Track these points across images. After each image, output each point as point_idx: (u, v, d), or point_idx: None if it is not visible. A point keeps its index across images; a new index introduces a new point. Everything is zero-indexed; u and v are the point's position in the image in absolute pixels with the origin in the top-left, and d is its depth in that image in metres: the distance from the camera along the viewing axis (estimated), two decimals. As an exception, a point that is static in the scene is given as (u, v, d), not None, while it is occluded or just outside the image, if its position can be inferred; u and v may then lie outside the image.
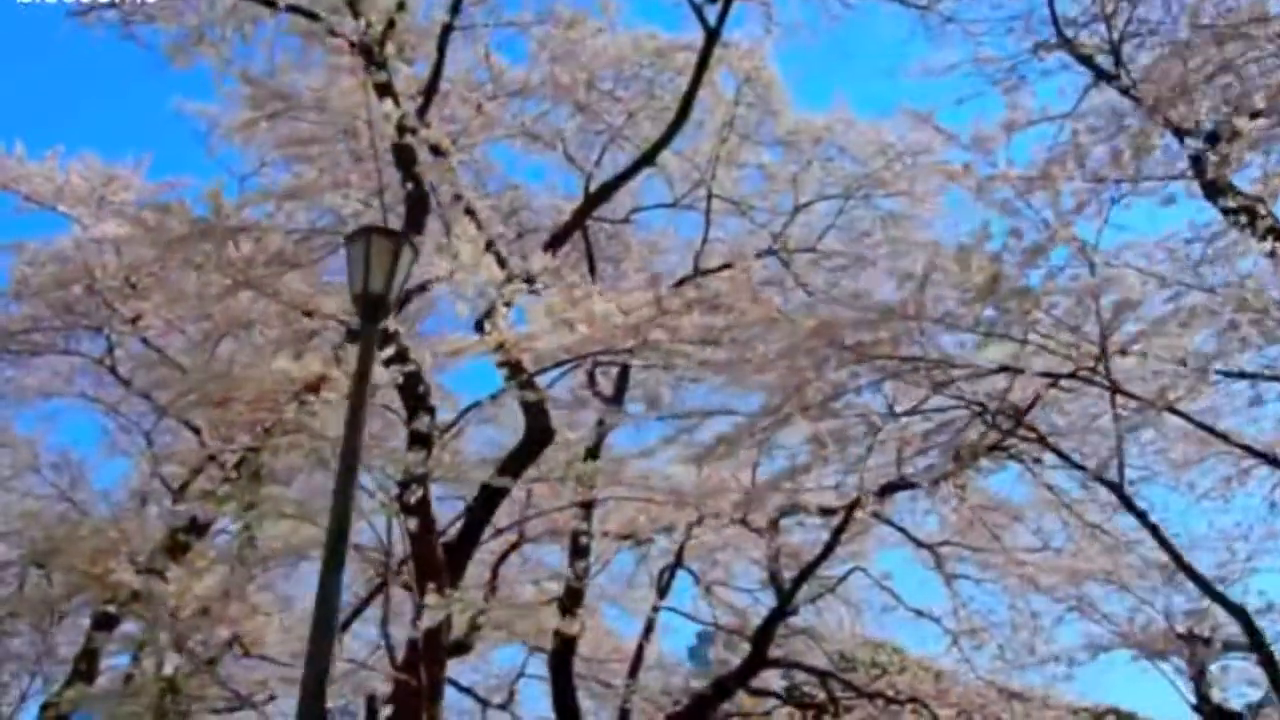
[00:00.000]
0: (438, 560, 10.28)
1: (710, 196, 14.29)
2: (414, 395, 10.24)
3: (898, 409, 11.04)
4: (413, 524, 10.17)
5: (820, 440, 10.49)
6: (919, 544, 16.26)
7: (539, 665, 21.82)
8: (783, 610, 15.22)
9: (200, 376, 9.73)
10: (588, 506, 14.05)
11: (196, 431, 18.05)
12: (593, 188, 13.57)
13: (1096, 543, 14.16)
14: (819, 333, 8.99)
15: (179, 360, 17.24)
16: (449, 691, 20.42)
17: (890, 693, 16.02)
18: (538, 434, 10.88)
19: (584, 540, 14.45)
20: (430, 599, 9.64)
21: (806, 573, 15.27)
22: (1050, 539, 15.07)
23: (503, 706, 21.23)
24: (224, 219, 9.56)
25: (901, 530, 16.20)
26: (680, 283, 12.65)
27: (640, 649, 17.40)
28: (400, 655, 10.95)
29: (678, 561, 17.37)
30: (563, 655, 14.58)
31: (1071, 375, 8.99)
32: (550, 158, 14.31)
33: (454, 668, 19.04)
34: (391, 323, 9.95)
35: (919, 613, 15.91)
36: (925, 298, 8.56)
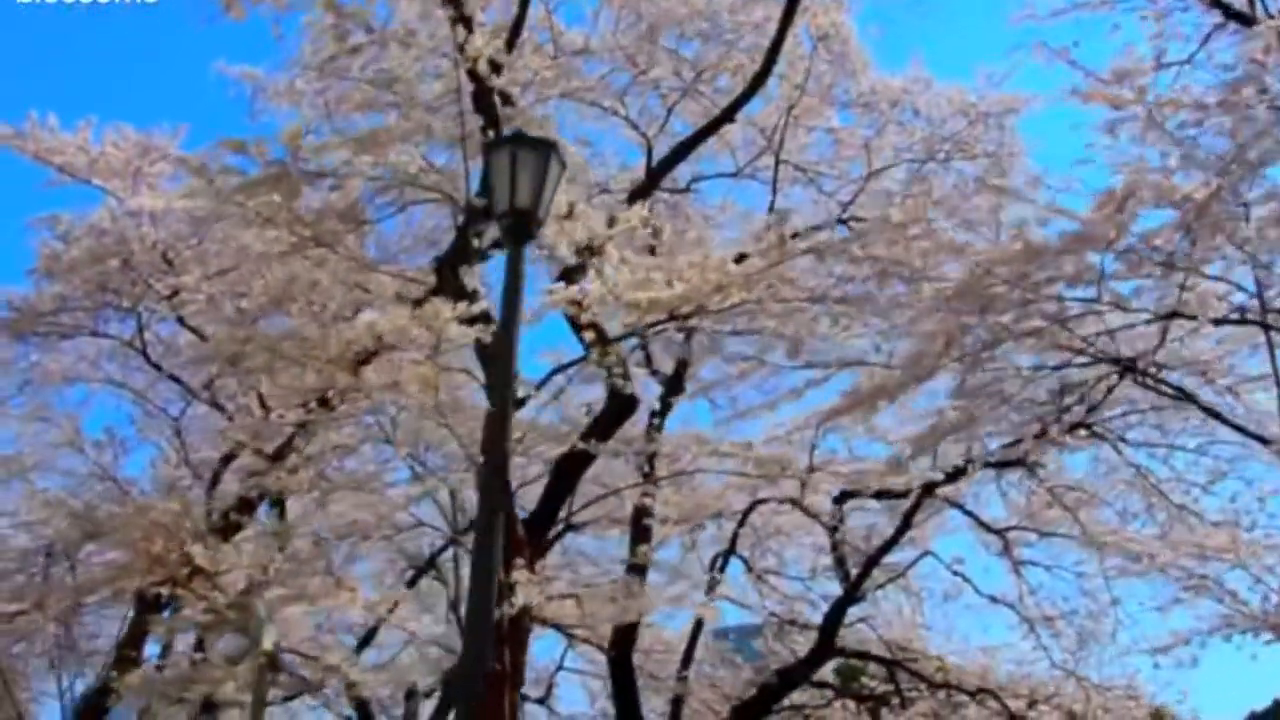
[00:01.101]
0: (520, 536, 9.45)
1: (778, 163, 13.47)
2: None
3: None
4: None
5: (969, 393, 9.63)
6: (988, 529, 15.43)
7: (575, 659, 21.13)
8: (850, 597, 14.41)
9: (269, 338, 8.86)
10: (650, 485, 13.22)
11: (230, 418, 17.29)
12: (655, 154, 12.78)
13: (1183, 524, 13.37)
14: (992, 270, 8.08)
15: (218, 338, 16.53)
16: (486, 685, 19.69)
17: (958, 682, 15.20)
18: (620, 403, 10.05)
19: (647, 522, 13.61)
20: (519, 576, 8.83)
21: (877, 557, 14.46)
22: (1130, 522, 14.27)
23: (541, 701, 20.42)
24: (302, 161, 8.73)
25: (970, 514, 15.39)
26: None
27: (693, 640, 16.57)
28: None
29: (731, 548, 16.53)
30: (623, 648, 13.73)
31: (1250, 323, 8.16)
32: (609, 123, 13.49)
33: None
34: (470, 279, 9.14)
35: (994, 599, 15.07)
36: (1125, 218, 7.68)
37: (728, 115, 11.42)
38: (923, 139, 12.89)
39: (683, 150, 11.44)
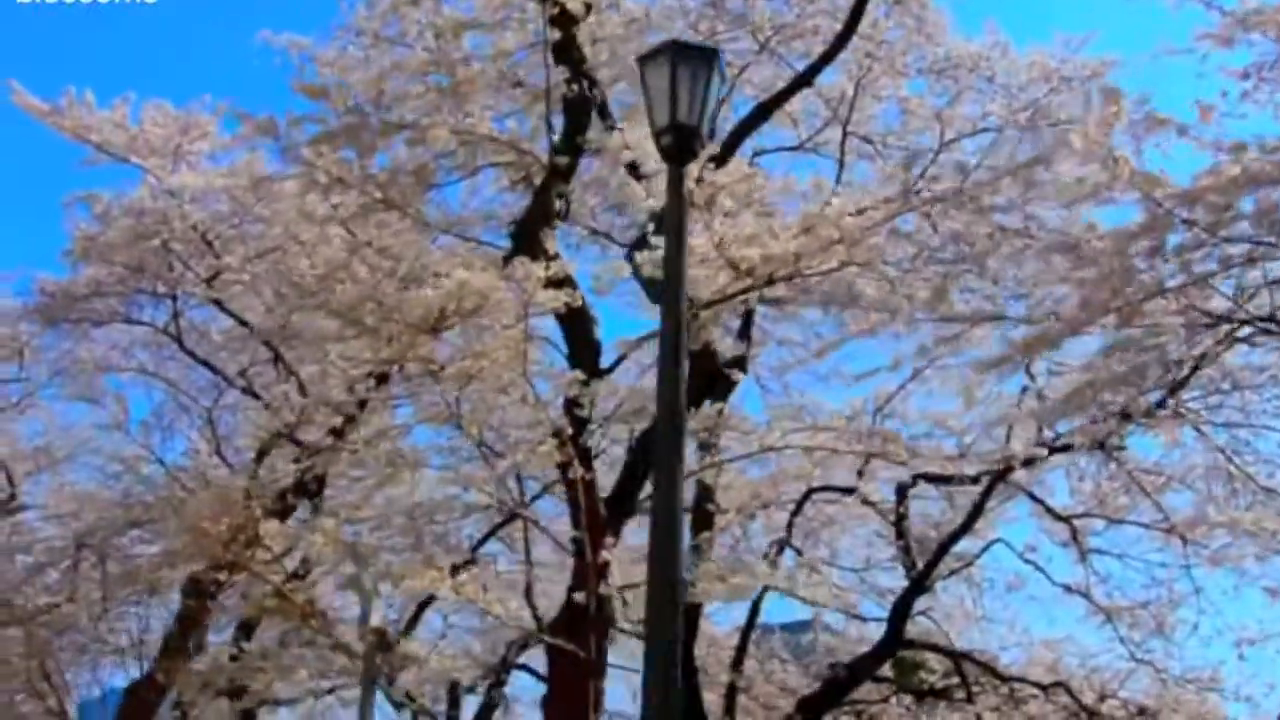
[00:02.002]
0: (600, 516, 8.80)
1: (845, 135, 12.80)
2: (580, 326, 8.78)
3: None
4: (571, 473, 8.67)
5: (1126, 345, 8.90)
6: (1056, 516, 14.74)
7: (615, 654, 20.42)
8: (919, 587, 13.72)
9: (339, 302, 8.20)
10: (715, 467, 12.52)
11: (266, 405, 16.63)
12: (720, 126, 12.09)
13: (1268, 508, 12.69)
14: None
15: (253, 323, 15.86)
16: (523, 679, 18.99)
17: (1030, 676, 14.52)
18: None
19: (710, 508, 12.91)
20: (606, 556, 8.18)
21: (947, 545, 13.77)
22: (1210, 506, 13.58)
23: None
24: (384, 111, 8.07)
25: (1039, 501, 14.70)
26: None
27: (746, 634, 15.89)
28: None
29: (787, 538, 15.84)
30: (686, 643, 12.99)
31: None
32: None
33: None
34: (549, 242, 8.48)
35: (1068, 589, 14.37)
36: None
37: (808, 78, 10.76)
38: (1003, 107, 12.20)
39: (762, 113, 10.74)
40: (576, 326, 8.78)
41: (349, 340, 8.60)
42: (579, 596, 8.45)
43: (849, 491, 15.77)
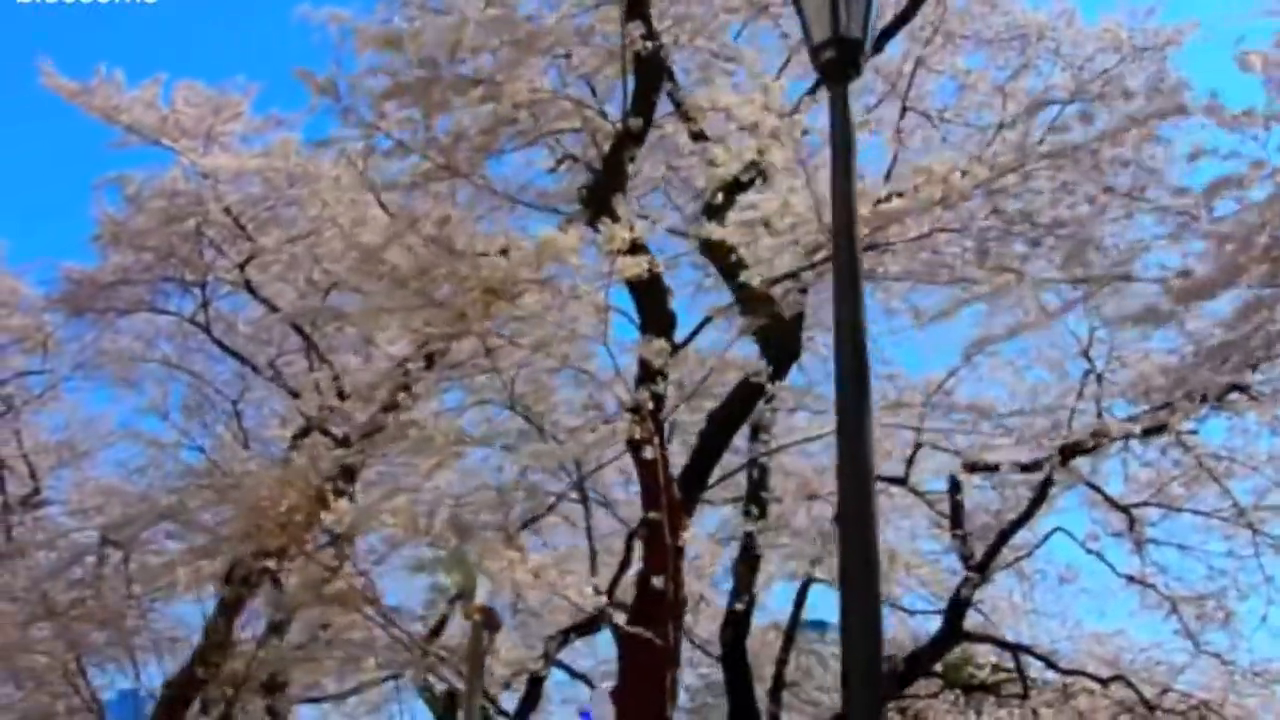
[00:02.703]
0: (675, 498, 8.28)
1: (904, 110, 12.28)
2: (654, 296, 8.26)
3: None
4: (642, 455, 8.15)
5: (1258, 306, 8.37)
6: (1114, 505, 14.21)
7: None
8: (980, 578, 13.19)
9: (398, 269, 7.64)
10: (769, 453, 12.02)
11: (296, 395, 16.13)
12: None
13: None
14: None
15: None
16: (556, 675, 18.45)
17: (1090, 669, 14.00)
18: (783, 352, 8.86)
19: (764, 495, 12.39)
20: (686, 537, 7.67)
21: (1007, 534, 13.25)
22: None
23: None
24: (459, 63, 7.55)
25: (1097, 489, 14.17)
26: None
27: (792, 627, 15.39)
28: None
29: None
30: (737, 640, 12.50)
31: None
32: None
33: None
34: (623, 208, 7.96)
35: (1131, 579, 13.83)
36: None
37: (879, 44, 10.22)
38: (1071, 79, 11.66)
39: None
40: (651, 297, 8.26)
41: (405, 314, 8.05)
42: (658, 581, 7.92)
43: (899, 481, 15.30)
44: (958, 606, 13.11)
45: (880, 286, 13.83)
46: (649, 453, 8.07)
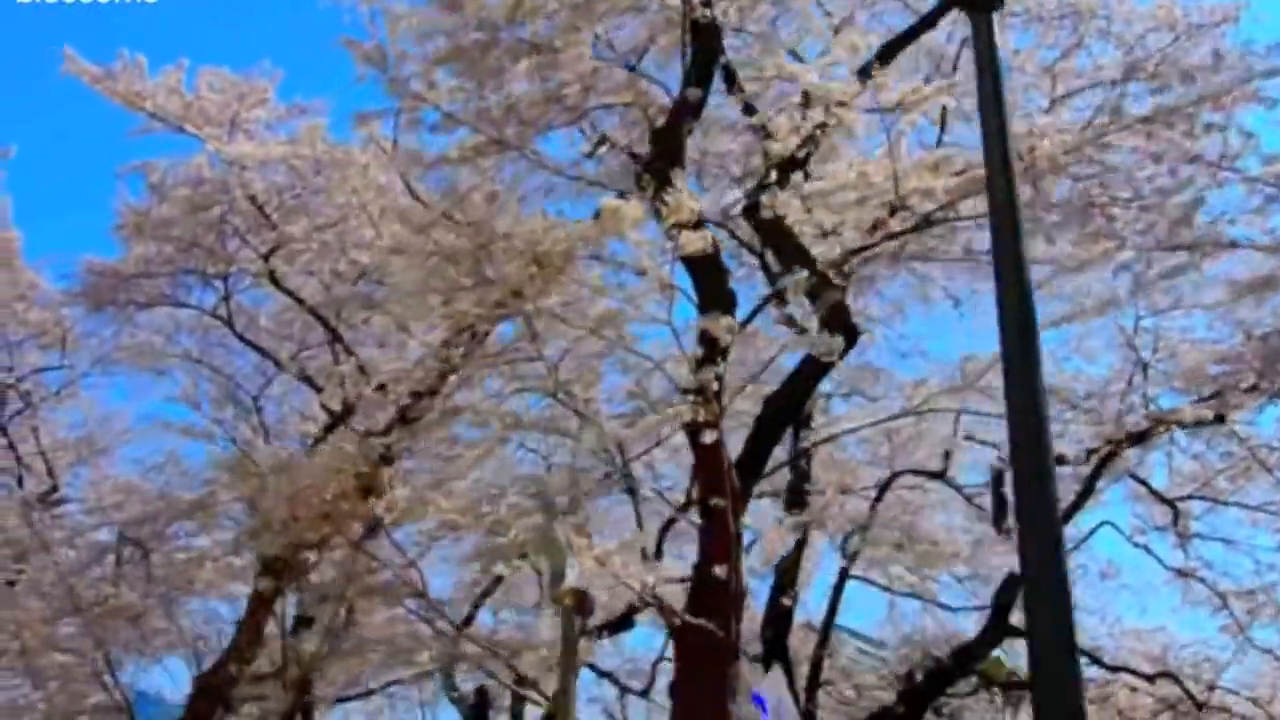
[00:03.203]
0: (733, 484, 7.90)
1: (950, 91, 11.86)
2: (713, 275, 7.89)
3: None
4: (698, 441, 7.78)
5: None
6: (1160, 498, 13.84)
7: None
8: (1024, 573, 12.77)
9: (453, 241, 7.25)
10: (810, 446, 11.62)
11: (319, 389, 15.77)
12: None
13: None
14: None
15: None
16: (583, 674, 18.02)
17: (1135, 666, 13.61)
18: (843, 334, 8.47)
19: (806, 488, 12.00)
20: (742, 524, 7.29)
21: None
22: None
23: (643, 694, 18.79)
24: (517, 26, 7.16)
25: (1143, 482, 13.80)
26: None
27: (828, 624, 14.99)
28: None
29: (869, 522, 14.94)
30: (779, 638, 12.11)
31: None
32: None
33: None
34: (681, 181, 7.59)
35: (1180, 573, 13.44)
36: None
37: (931, 21, 9.85)
38: (1122, 59, 11.28)
39: (894, 48, 9.72)
40: (711, 274, 7.89)
41: (453, 294, 7.67)
42: (720, 571, 7.55)
43: (937, 475, 14.96)
44: (1004, 601, 12.72)
45: (915, 274, 13.56)
46: (708, 437, 7.69)
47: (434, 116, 7.97)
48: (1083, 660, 13.85)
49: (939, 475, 14.85)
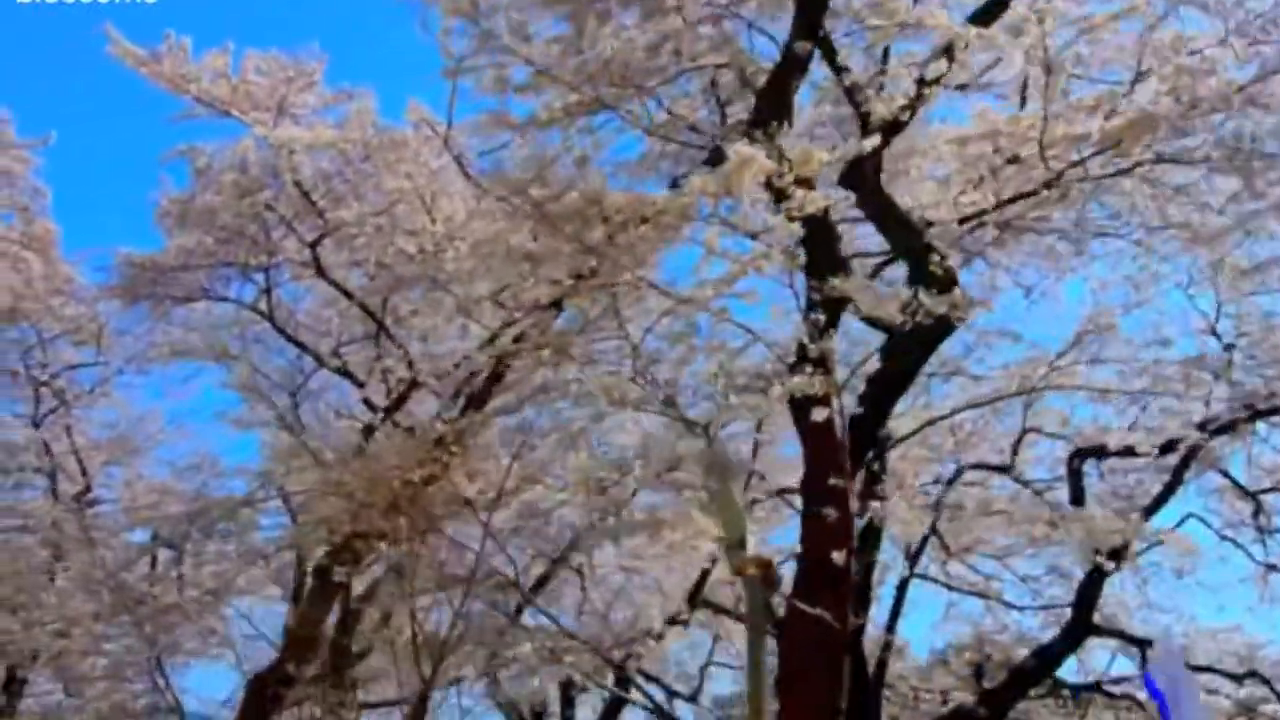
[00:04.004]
0: (845, 465, 7.35)
1: (1027, 62, 11.29)
2: (825, 239, 7.34)
3: None
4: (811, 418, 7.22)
5: None
6: (1244, 491, 13.24)
7: (724, 653, 18.85)
8: (1105, 570, 12.19)
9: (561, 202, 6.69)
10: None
11: (361, 384, 15.27)
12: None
13: None
14: None
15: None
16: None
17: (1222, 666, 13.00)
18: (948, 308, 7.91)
19: (878, 489, 11.38)
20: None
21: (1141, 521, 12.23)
22: None
23: (691, 699, 18.22)
24: None
25: (1225, 474, 13.21)
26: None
27: (892, 625, 14.39)
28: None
29: (934, 519, 14.36)
30: (855, 635, 11.46)
31: None
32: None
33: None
34: (785, 140, 7.05)
35: (1271, 567, 12.84)
36: None
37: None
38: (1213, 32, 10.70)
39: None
40: (824, 237, 7.35)
41: (548, 262, 7.12)
42: (838, 557, 6.98)
43: (1004, 470, 14.39)
44: (1087, 599, 12.12)
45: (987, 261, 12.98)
46: (819, 414, 7.13)
47: (523, 75, 7.41)
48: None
49: (1006, 469, 14.28)
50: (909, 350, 7.59)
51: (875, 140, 7.57)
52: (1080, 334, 13.58)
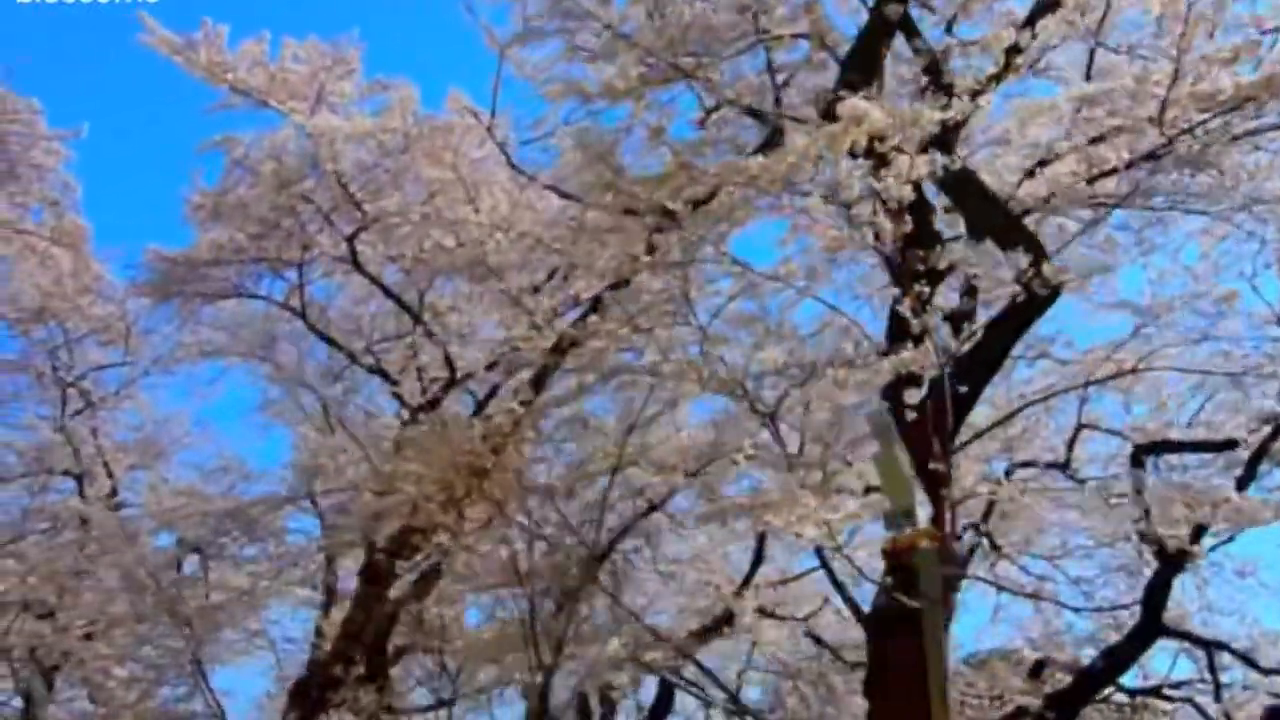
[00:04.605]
0: (946, 448, 6.92)
1: (1095, 47, 10.92)
2: (920, 209, 6.93)
3: None
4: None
5: None
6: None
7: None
8: (1177, 567, 11.74)
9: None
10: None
11: (395, 382, 14.90)
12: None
13: None
14: None
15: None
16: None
17: None
18: (1043, 288, 7.49)
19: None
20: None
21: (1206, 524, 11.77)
22: None
23: (735, 699, 17.73)
24: None
25: (1291, 469, 12.70)
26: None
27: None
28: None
29: (985, 516, 13.89)
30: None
31: None
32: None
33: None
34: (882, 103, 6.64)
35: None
36: None
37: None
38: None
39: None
40: (919, 208, 6.95)
41: (629, 238, 6.72)
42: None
43: (1060, 467, 13.92)
44: (1155, 599, 11.66)
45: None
46: (913, 395, 6.72)
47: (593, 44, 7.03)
48: (1234, 663, 12.90)
49: (1062, 466, 13.81)
50: (1009, 327, 7.17)
51: (966, 105, 7.18)
52: (1139, 326, 13.13)
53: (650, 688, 15.92)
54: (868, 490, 7.12)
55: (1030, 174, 7.46)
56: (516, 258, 9.75)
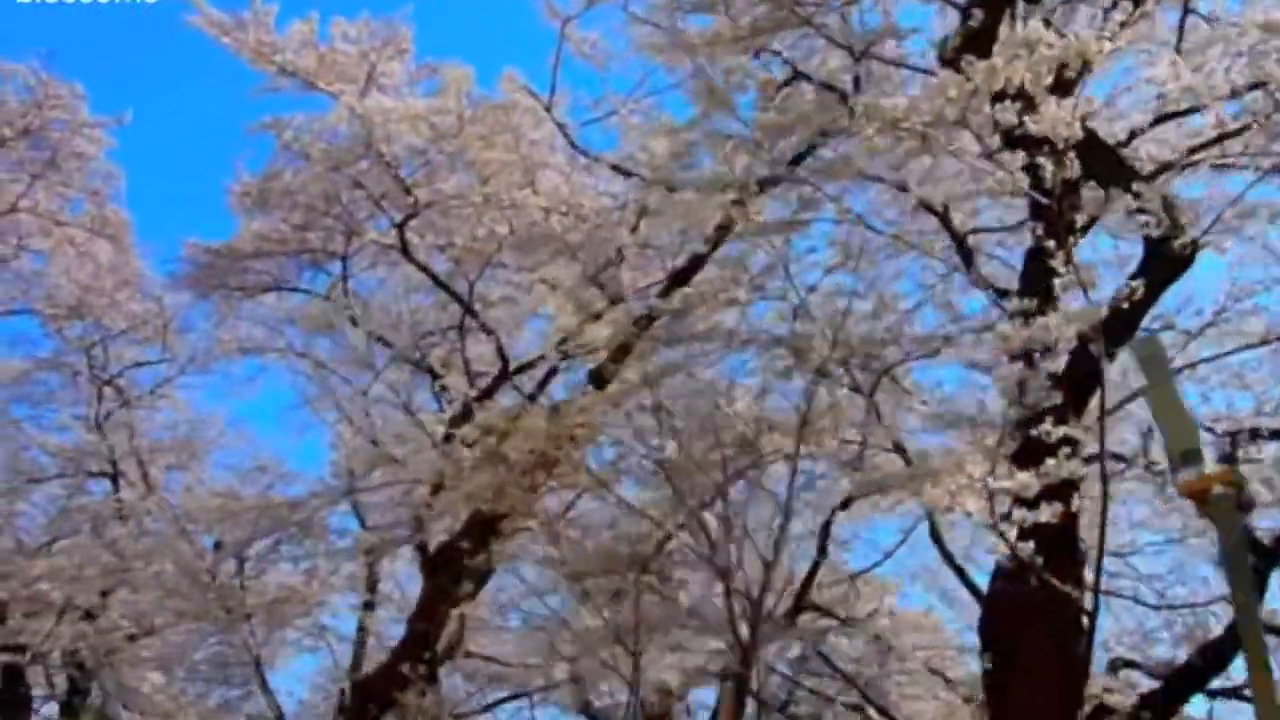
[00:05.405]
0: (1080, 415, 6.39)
1: (1185, 14, 10.40)
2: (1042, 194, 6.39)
3: None
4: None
5: None
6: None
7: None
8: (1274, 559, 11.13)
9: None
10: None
11: (437, 376, 14.41)
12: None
13: None
14: None
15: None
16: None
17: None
18: (1174, 261, 6.97)
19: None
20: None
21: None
22: None
23: (782, 709, 17.20)
24: None
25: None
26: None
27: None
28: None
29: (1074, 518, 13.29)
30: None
31: None
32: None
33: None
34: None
35: None
36: None
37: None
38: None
39: None
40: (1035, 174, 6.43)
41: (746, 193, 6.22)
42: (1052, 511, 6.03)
43: (1130, 461, 13.34)
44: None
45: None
46: (1052, 364, 6.19)
47: None
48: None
49: (1131, 461, 13.22)
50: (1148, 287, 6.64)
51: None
52: (1218, 311, 12.58)
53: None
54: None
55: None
56: (579, 237, 9.24)
